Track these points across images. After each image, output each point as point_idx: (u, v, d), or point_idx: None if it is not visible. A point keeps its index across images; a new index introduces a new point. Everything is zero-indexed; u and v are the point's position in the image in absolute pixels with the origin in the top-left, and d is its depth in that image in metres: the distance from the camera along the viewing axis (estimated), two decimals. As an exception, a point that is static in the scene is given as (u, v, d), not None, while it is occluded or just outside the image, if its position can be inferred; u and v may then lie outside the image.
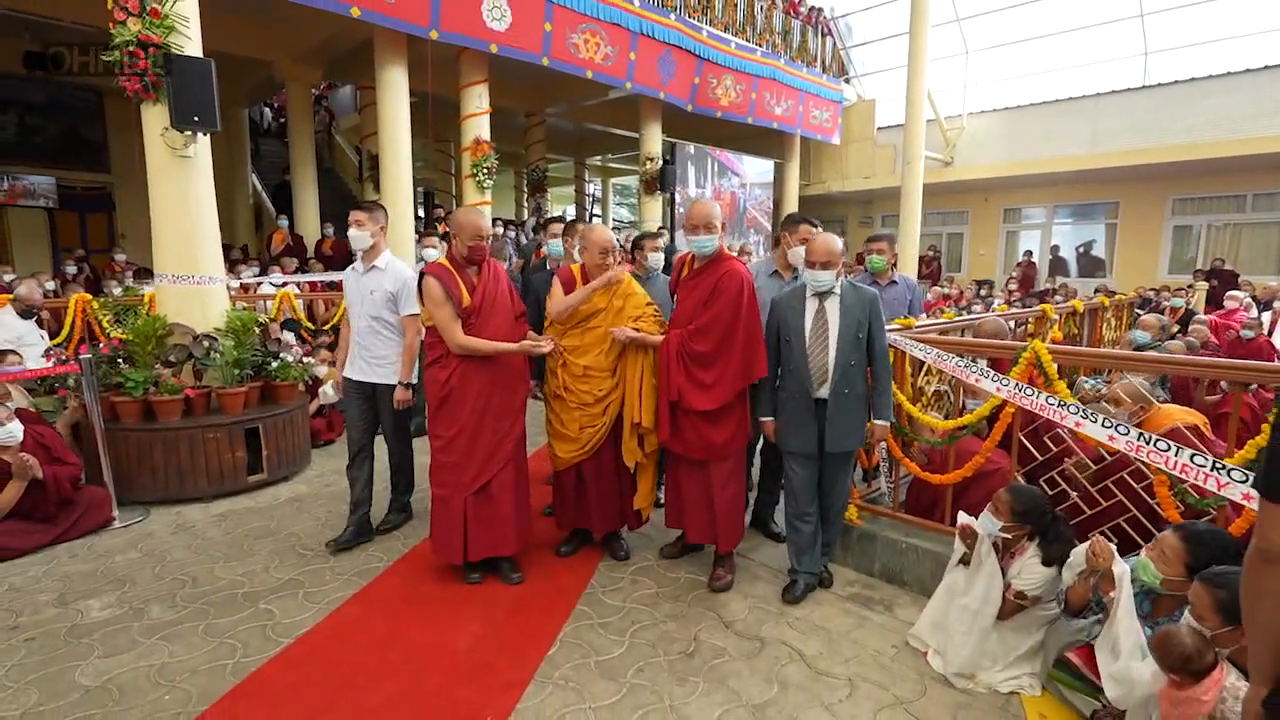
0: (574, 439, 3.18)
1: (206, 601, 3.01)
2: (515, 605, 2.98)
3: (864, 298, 2.91)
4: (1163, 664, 1.82)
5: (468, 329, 3.00)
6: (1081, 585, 2.35)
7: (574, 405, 3.15)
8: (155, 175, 4.33)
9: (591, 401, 3.13)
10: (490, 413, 3.05)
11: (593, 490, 3.27)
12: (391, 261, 3.56)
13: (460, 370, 3.01)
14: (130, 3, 4.04)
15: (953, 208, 15.49)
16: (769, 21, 12.60)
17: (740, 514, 3.17)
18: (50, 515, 3.60)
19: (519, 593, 3.09)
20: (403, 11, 7.35)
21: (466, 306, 3.00)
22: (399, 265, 3.56)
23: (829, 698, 2.40)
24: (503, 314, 3.10)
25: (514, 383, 3.14)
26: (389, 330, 3.54)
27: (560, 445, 3.23)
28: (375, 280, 3.52)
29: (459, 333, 2.97)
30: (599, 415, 3.14)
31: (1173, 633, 1.82)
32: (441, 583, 3.17)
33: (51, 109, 11.47)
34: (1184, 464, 2.24)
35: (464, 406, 3.01)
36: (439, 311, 2.97)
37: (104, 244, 12.04)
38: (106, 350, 4.23)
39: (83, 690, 2.39)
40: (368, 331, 3.53)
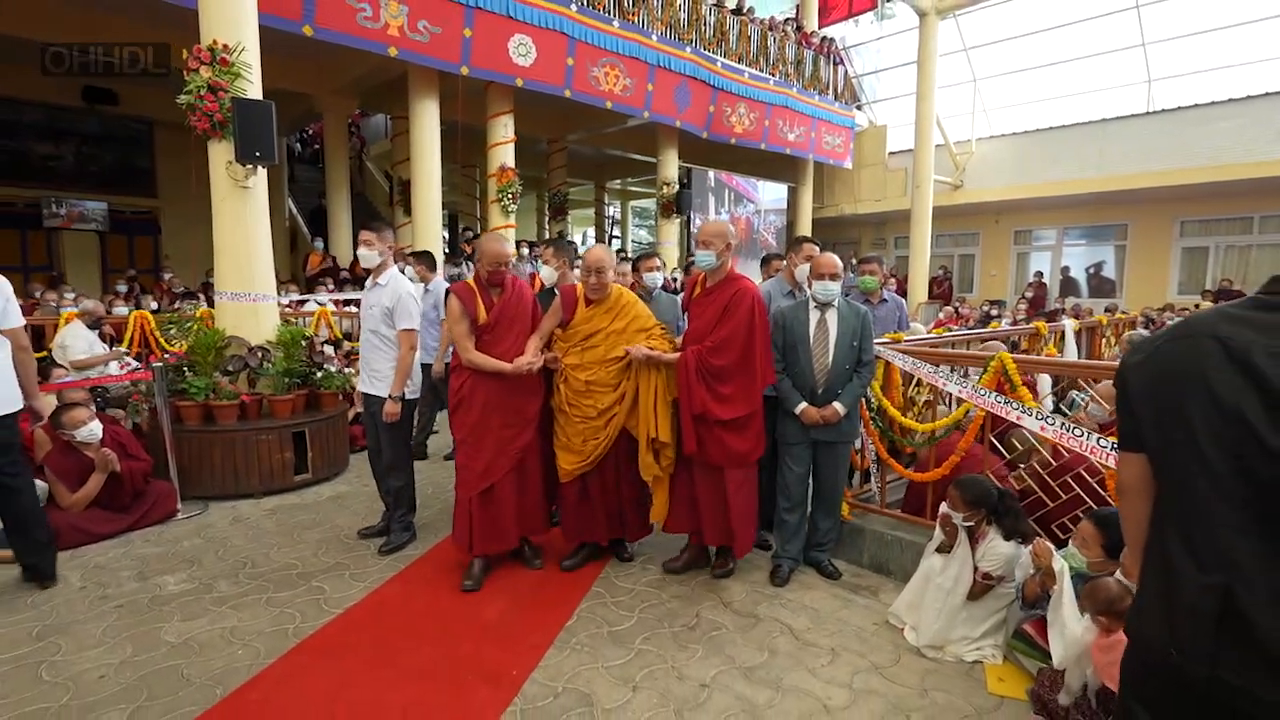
0: (578, 451, 3.29)
1: (265, 579, 3.41)
2: (537, 585, 3.35)
3: (857, 313, 3.35)
4: (1093, 610, 2.13)
5: (482, 345, 3.26)
6: (1033, 582, 2.65)
7: (577, 419, 3.27)
8: (219, 204, 4.83)
9: (594, 415, 3.25)
10: (495, 420, 3.24)
11: (597, 501, 3.41)
12: (393, 278, 3.72)
13: (470, 381, 3.27)
14: (203, 53, 4.56)
15: (964, 229, 15.78)
16: (782, 52, 13.10)
17: (754, 519, 3.39)
18: (125, 505, 4.04)
19: (540, 576, 3.45)
20: (436, 50, 7.93)
21: (482, 323, 3.25)
22: (399, 282, 3.71)
23: (812, 663, 2.72)
24: (520, 332, 3.32)
25: (524, 395, 3.31)
26: (385, 344, 3.70)
27: (565, 457, 3.34)
28: (376, 296, 3.72)
29: (469, 348, 3.24)
30: (601, 428, 3.27)
31: (1099, 582, 2.14)
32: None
33: (106, 139, 12.27)
34: (1093, 446, 2.59)
35: (471, 413, 3.26)
36: (456, 327, 3.26)
37: (149, 264, 12.75)
38: (174, 360, 4.70)
39: (169, 645, 2.79)
40: (367, 345, 3.76)
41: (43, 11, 7.56)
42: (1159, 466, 1.20)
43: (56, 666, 2.64)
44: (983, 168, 14.53)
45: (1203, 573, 1.11)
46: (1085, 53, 13.23)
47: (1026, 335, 5.44)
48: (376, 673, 2.62)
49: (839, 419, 3.27)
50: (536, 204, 18.05)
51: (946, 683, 2.61)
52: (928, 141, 12.89)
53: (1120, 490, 1.32)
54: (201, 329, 4.92)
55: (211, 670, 2.62)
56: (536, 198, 17.80)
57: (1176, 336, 1.19)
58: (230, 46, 4.62)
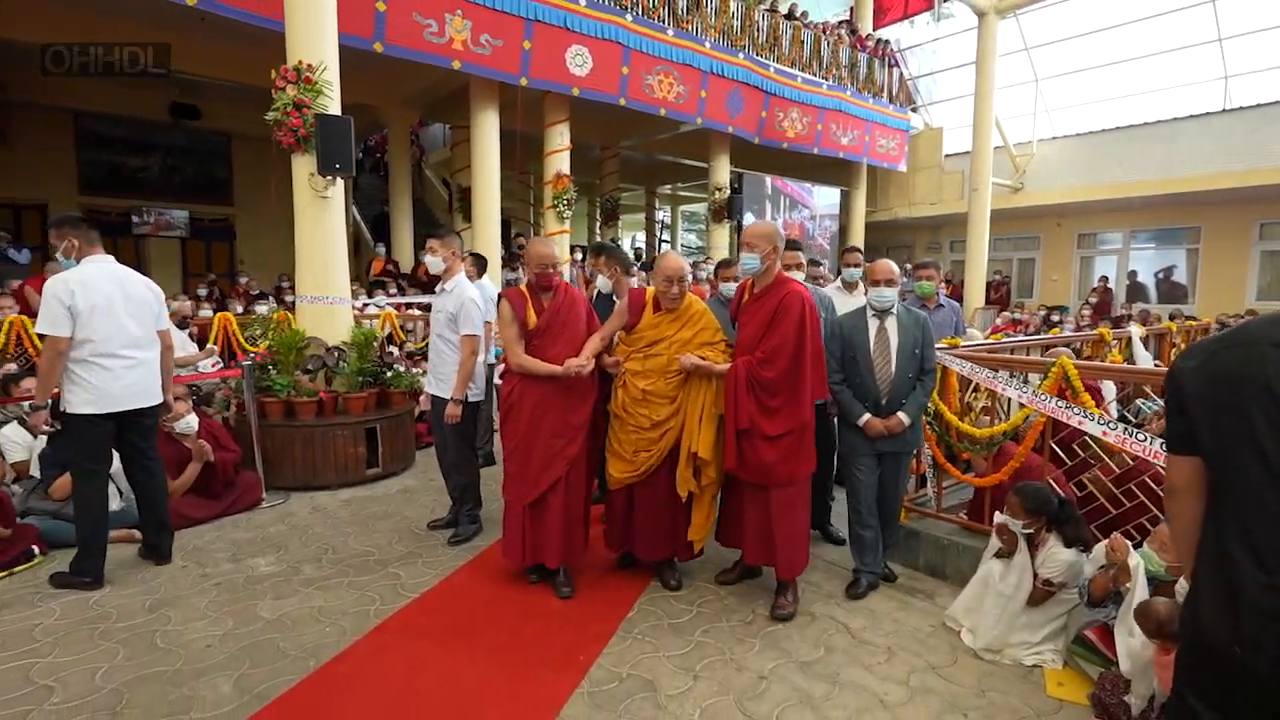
0: (628, 460, 3.20)
1: (346, 565, 3.65)
2: (599, 579, 3.48)
3: (917, 319, 3.28)
4: (1145, 631, 2.15)
5: (532, 349, 3.22)
6: (1102, 577, 2.66)
7: (631, 427, 3.17)
8: (300, 213, 5.15)
9: (648, 426, 3.13)
10: (545, 429, 3.18)
11: (641, 515, 3.29)
12: (459, 284, 3.86)
13: (519, 387, 3.23)
14: (289, 72, 4.89)
15: (1024, 233, 15.35)
16: (835, 56, 13.03)
17: (804, 542, 3.17)
18: (217, 493, 4.36)
19: (596, 573, 3.54)
20: (497, 63, 8.22)
21: (532, 328, 3.23)
22: (464, 288, 3.85)
23: (868, 660, 2.79)
24: (572, 337, 3.26)
25: (574, 402, 3.21)
26: (449, 348, 3.84)
27: (615, 464, 3.26)
28: (442, 301, 3.88)
29: (519, 352, 3.22)
30: (655, 440, 3.14)
31: (1148, 604, 2.15)
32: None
33: (188, 151, 13.08)
34: (1155, 450, 2.59)
35: (521, 421, 3.21)
36: (506, 331, 3.25)
37: (224, 268, 13.48)
38: (259, 359, 5.03)
39: (264, 621, 3.04)
40: (434, 348, 3.94)
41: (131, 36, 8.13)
42: (1217, 468, 1.25)
43: (168, 635, 2.90)
44: (1044, 170, 14.13)
45: (1265, 572, 1.16)
46: (1156, 49, 12.74)
47: (1090, 342, 5.34)
48: (451, 653, 2.80)
49: (904, 429, 3.19)
50: (588, 209, 18.34)
51: (1004, 684, 2.64)
52: (986, 143, 12.61)
53: (1170, 492, 1.36)
54: (284, 330, 5.25)
55: (304, 644, 2.84)
56: (588, 203, 18.08)
57: (1234, 343, 1.24)
58: (314, 66, 4.93)
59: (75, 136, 11.99)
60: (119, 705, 2.42)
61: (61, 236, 3.29)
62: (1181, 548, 1.35)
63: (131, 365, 3.33)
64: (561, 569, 3.29)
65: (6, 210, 11.54)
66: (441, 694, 2.52)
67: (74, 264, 3.28)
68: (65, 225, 3.33)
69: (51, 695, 2.48)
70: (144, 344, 3.40)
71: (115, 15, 7.58)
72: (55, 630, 2.93)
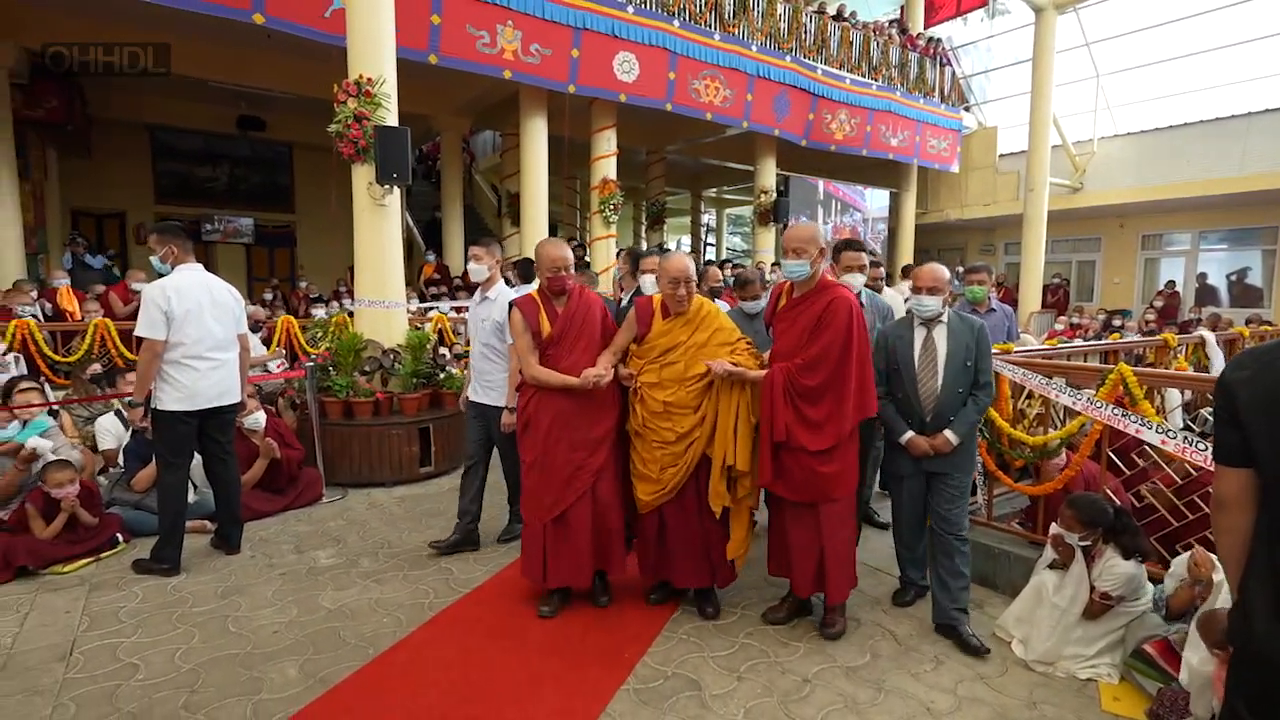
0: (654, 479, 2.99)
1: (401, 559, 3.80)
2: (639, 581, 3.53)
3: (971, 327, 2.94)
4: (1207, 642, 2.09)
5: (546, 359, 3.06)
6: (1185, 592, 2.57)
7: (655, 443, 2.97)
8: (359, 221, 5.37)
9: (673, 439, 2.93)
10: (564, 442, 3.01)
11: (675, 537, 3.06)
12: (502, 292, 3.82)
13: (536, 399, 3.07)
14: (350, 86, 5.11)
15: (1083, 234, 14.82)
16: (885, 56, 12.84)
17: (852, 562, 3.00)
18: (281, 488, 4.58)
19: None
20: (546, 71, 8.39)
21: (546, 337, 3.06)
22: (507, 296, 3.74)
23: (916, 668, 2.77)
24: (588, 346, 3.09)
25: (595, 414, 3.05)
26: (497, 357, 3.78)
27: (641, 486, 3.04)
28: (487, 310, 3.80)
29: (533, 363, 3.06)
30: (681, 454, 2.94)
31: (1213, 615, 2.09)
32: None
33: (253, 161, 13.73)
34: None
35: (539, 434, 3.04)
36: (519, 341, 3.12)
37: (286, 273, 14.08)
38: (321, 360, 5.26)
39: (326, 610, 3.19)
40: (480, 357, 3.83)
41: (203, 53, 8.59)
42: (1273, 479, 1.23)
43: (239, 621, 3.08)
44: (1105, 168, 13.62)
45: None
46: (1225, 42, 12.15)
47: (1153, 348, 5.15)
48: (502, 645, 2.89)
49: (951, 449, 2.91)
50: (634, 213, 18.46)
51: (1056, 697, 2.59)
52: (1043, 142, 12.23)
53: (1220, 504, 1.33)
54: (343, 332, 5.47)
55: (363, 633, 2.98)
56: (634, 207, 18.21)
57: None
58: (373, 80, 5.14)
59: (151, 149, 12.73)
60: (196, 684, 2.59)
61: (163, 243, 3.55)
62: (1229, 560, 1.33)
63: (216, 366, 3.56)
64: (597, 577, 3.16)
65: (89, 219, 12.32)
66: (493, 685, 2.61)
67: (169, 269, 3.53)
68: (168, 233, 3.59)
69: (137, 672, 2.66)
70: (226, 346, 3.64)
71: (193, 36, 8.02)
72: (138, 612, 3.15)
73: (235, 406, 3.77)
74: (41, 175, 10.14)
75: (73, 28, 7.69)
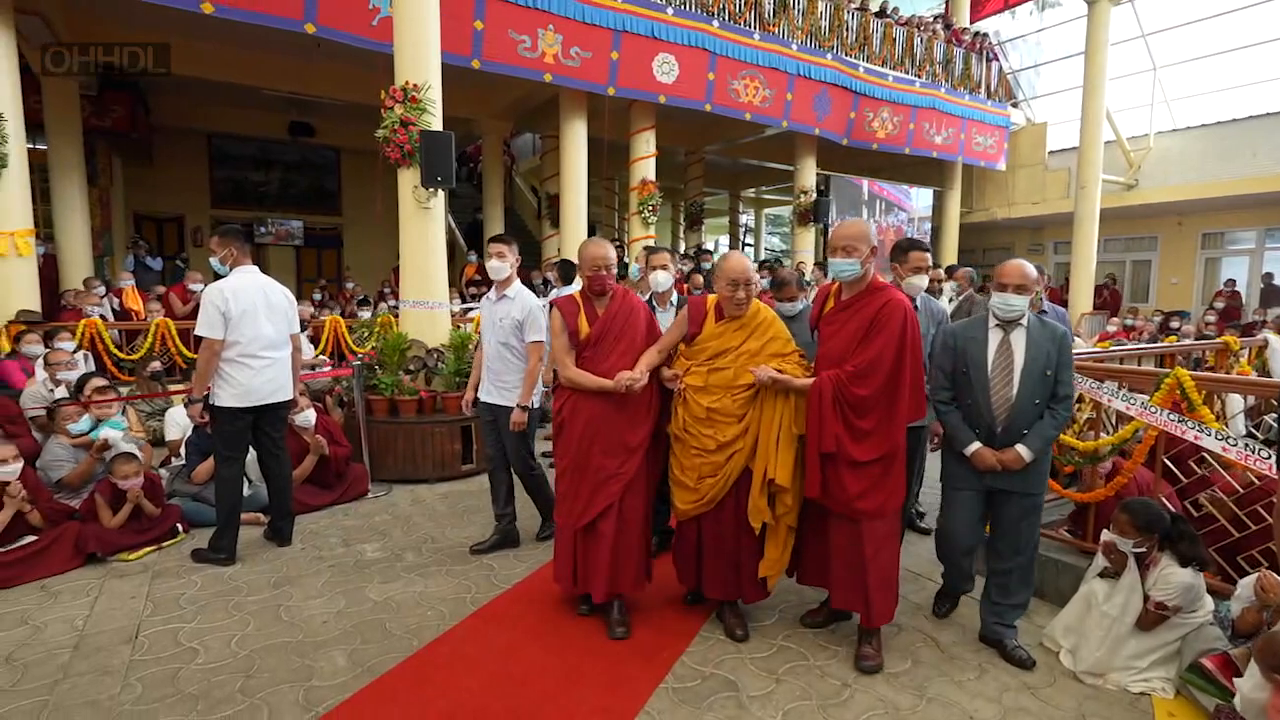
0: (692, 488, 2.87)
1: (444, 554, 3.88)
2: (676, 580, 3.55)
3: (1054, 334, 2.69)
4: (1263, 666, 2.01)
5: (582, 361, 2.99)
6: (1251, 615, 2.46)
7: (694, 450, 2.84)
8: (405, 223, 5.51)
9: (714, 448, 2.80)
10: (597, 448, 2.92)
11: (709, 550, 2.95)
12: (520, 291, 3.78)
13: (570, 401, 2.99)
14: (397, 92, 5.25)
15: (1138, 233, 14.28)
16: (929, 52, 12.59)
17: (895, 585, 2.82)
18: (329, 484, 4.73)
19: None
20: (586, 74, 8.47)
21: (584, 338, 2.99)
22: (526, 294, 3.78)
23: (959, 676, 2.72)
24: (628, 348, 2.98)
25: (630, 419, 2.94)
26: (515, 356, 3.72)
27: (680, 494, 2.94)
28: (505, 308, 3.74)
29: (569, 364, 2.99)
30: (721, 464, 2.81)
31: (1273, 636, 2.01)
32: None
33: (302, 166, 14.16)
34: None
35: (572, 439, 2.97)
36: (555, 341, 3.05)
37: (332, 274, 14.48)
38: (367, 359, 5.41)
39: (372, 602, 3.29)
40: (496, 356, 3.75)
41: (258, 62, 8.90)
42: None
43: (290, 610, 3.20)
44: (1162, 164, 13.10)
45: None
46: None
47: (1214, 351, 4.95)
48: (542, 642, 2.94)
49: (1022, 466, 2.68)
50: (672, 214, 18.48)
51: (1107, 710, 2.52)
52: (1095, 138, 11.82)
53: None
54: (389, 332, 5.62)
55: (407, 625, 3.06)
56: (672, 208, 18.22)
57: None
58: (419, 86, 5.27)
59: (209, 155, 13.25)
60: (251, 669, 2.70)
61: (224, 245, 3.71)
62: None
63: (269, 364, 3.70)
64: (616, 603, 3.01)
65: (150, 223, 12.87)
66: (533, 680, 2.65)
67: (228, 271, 3.68)
68: (229, 236, 3.75)
69: (196, 656, 2.79)
70: (279, 345, 3.78)
71: (248, 45, 8.33)
72: (197, 599, 3.29)
73: (287, 403, 3.91)
74: (108, 181, 10.64)
75: (132, 39, 8.04)
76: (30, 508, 3.61)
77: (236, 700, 2.50)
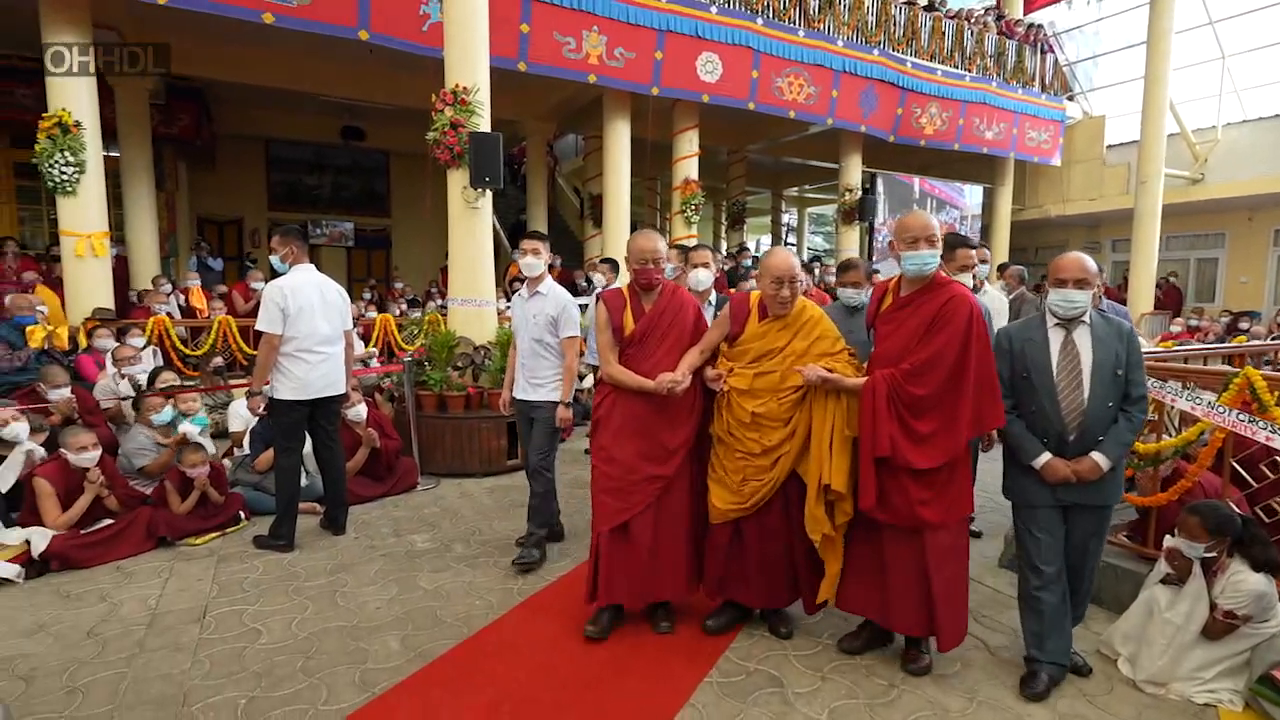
0: (734, 490, 2.75)
1: (491, 545, 3.97)
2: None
3: (1120, 330, 2.52)
4: None
5: (626, 358, 2.90)
6: None
7: (739, 454, 2.73)
8: (454, 224, 5.64)
9: (759, 452, 2.69)
10: (634, 448, 2.82)
11: (754, 555, 2.79)
12: (553, 287, 3.73)
13: (610, 399, 2.91)
14: (447, 96, 5.38)
15: (1204, 229, 13.65)
16: (980, 45, 12.27)
17: (965, 601, 2.64)
18: (380, 476, 4.87)
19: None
20: (630, 74, 8.52)
21: (628, 335, 2.90)
22: (559, 291, 3.73)
23: (1010, 680, 2.66)
24: (674, 346, 2.88)
25: (671, 421, 2.83)
26: (549, 353, 3.67)
27: (718, 492, 2.80)
28: (538, 305, 3.67)
29: (611, 361, 2.91)
30: (767, 469, 2.69)
31: None
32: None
33: (353, 169, 14.59)
34: None
35: (608, 436, 2.89)
36: (599, 337, 2.97)
37: (381, 274, 14.87)
38: (417, 356, 5.56)
39: (423, 590, 3.38)
40: (530, 353, 3.69)
41: (314, 69, 9.21)
42: None
43: (346, 595, 3.31)
44: (1231, 158, 12.50)
45: None
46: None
47: (1285, 352, 4.73)
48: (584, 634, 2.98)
49: (1099, 475, 2.47)
50: (714, 214, 18.41)
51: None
52: (1158, 131, 11.35)
53: None
54: (437, 330, 5.76)
55: (457, 613, 3.14)
56: (714, 207, 18.16)
57: None
58: (468, 89, 5.39)
59: (266, 160, 13.77)
60: (311, 650, 2.81)
61: (285, 244, 3.87)
62: None
63: (323, 359, 3.84)
64: (663, 603, 2.97)
65: (212, 225, 13.43)
66: (578, 671, 2.70)
67: (287, 269, 3.84)
68: (291, 235, 3.92)
69: (260, 637, 2.92)
70: (333, 341, 3.92)
71: (306, 53, 8.64)
72: (260, 583, 3.44)
73: (340, 397, 4.04)
74: (174, 186, 11.16)
75: (205, 55, 8.43)
76: (108, 493, 3.83)
77: (298, 679, 2.61)
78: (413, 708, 2.46)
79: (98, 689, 2.54)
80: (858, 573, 2.71)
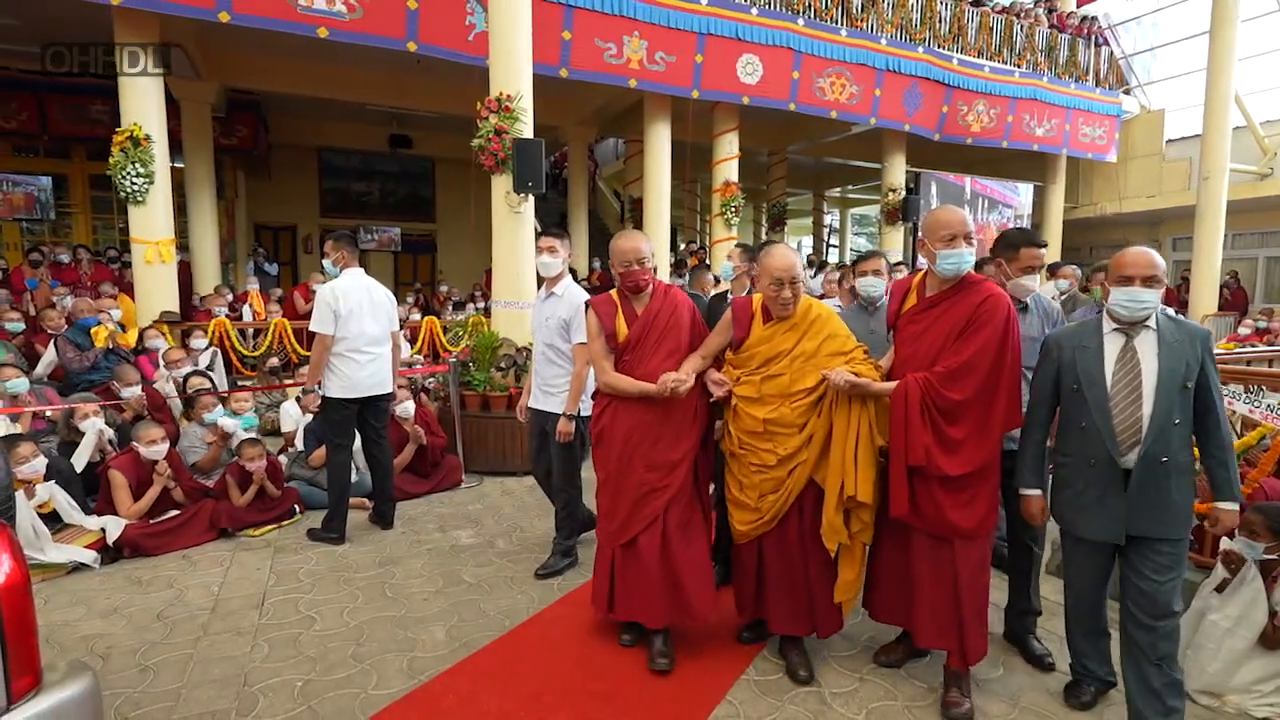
0: (752, 508, 2.60)
1: (533, 542, 4.06)
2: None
3: (1193, 335, 2.19)
4: None
5: (622, 366, 2.78)
6: None
7: (753, 467, 2.58)
8: (497, 228, 5.78)
9: (774, 463, 2.54)
10: (639, 460, 2.70)
11: (772, 573, 2.67)
12: (569, 288, 3.51)
13: (611, 409, 2.77)
14: (491, 103, 5.52)
15: (1275, 226, 13.00)
16: (1030, 40, 11.95)
17: (987, 615, 2.52)
18: (426, 473, 5.02)
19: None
20: (670, 78, 8.58)
21: (622, 341, 2.78)
22: (575, 292, 3.50)
23: (1054, 686, 2.61)
24: (672, 350, 2.74)
25: (675, 430, 2.70)
26: (561, 358, 3.46)
27: (738, 515, 2.67)
28: (553, 307, 3.48)
29: (607, 369, 2.79)
30: (783, 479, 2.55)
31: None
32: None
33: (400, 176, 15.00)
34: None
35: (612, 450, 2.75)
36: (592, 345, 2.87)
37: (426, 278, 15.24)
38: (462, 357, 5.71)
39: (467, 584, 3.49)
40: (542, 358, 3.53)
41: (365, 80, 9.52)
42: None
43: (394, 587, 3.44)
44: (1303, 151, 11.89)
45: None
46: None
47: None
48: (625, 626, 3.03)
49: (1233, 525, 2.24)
50: (754, 215, 18.34)
51: (1224, 732, 2.37)
52: (1222, 124, 10.86)
53: None
54: (481, 332, 5.91)
55: (500, 606, 3.24)
56: (754, 209, 18.09)
57: None
58: (512, 96, 5.52)
59: (318, 168, 14.27)
60: (361, 638, 2.93)
61: (337, 249, 4.05)
62: None
63: (372, 359, 3.99)
64: (661, 634, 2.74)
65: (267, 232, 13.99)
66: (616, 665, 2.76)
67: (338, 273, 4.01)
68: (343, 241, 4.10)
69: (314, 624, 3.06)
70: (381, 342, 4.07)
71: (358, 65, 8.95)
72: (314, 574, 3.60)
73: (388, 396, 4.19)
74: (234, 194, 11.68)
75: (261, 68, 8.81)
76: (174, 485, 4.05)
77: (349, 664, 2.73)
78: (459, 694, 2.55)
79: (167, 669, 2.70)
80: (887, 582, 2.64)
